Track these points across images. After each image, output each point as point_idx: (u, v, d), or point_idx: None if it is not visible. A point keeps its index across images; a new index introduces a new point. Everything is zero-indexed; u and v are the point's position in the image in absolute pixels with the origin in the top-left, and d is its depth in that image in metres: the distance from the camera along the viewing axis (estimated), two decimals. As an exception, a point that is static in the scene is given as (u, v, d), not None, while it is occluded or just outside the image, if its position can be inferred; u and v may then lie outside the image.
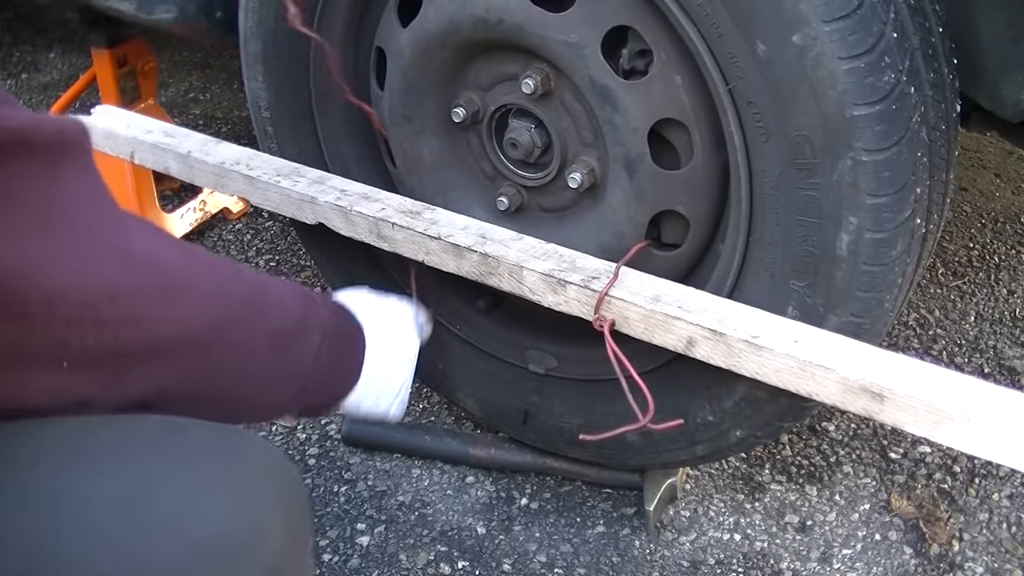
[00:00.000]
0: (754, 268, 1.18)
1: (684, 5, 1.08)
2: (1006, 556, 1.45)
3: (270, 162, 1.41)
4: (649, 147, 1.19)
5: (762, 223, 1.15)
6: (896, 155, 1.05)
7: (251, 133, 1.58)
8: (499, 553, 1.46)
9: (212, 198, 2.16)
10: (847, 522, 1.50)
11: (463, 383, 1.54)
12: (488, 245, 1.23)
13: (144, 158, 1.48)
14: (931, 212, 1.16)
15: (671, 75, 1.15)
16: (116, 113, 1.54)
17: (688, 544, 1.47)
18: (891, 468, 1.59)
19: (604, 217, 1.28)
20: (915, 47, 1.07)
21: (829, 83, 1.02)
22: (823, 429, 1.66)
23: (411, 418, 1.69)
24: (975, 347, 1.84)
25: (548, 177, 1.32)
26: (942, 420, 0.99)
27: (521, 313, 1.43)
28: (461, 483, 1.58)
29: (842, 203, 1.07)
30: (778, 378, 1.08)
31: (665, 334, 1.13)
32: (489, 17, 1.22)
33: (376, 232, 1.30)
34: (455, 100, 1.34)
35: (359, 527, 1.50)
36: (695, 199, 1.22)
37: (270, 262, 2.10)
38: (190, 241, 2.13)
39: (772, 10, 1.02)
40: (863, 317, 1.14)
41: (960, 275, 2.04)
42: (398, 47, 1.33)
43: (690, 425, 1.30)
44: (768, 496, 1.55)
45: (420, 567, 1.43)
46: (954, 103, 1.18)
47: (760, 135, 1.09)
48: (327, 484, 1.57)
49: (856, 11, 1.00)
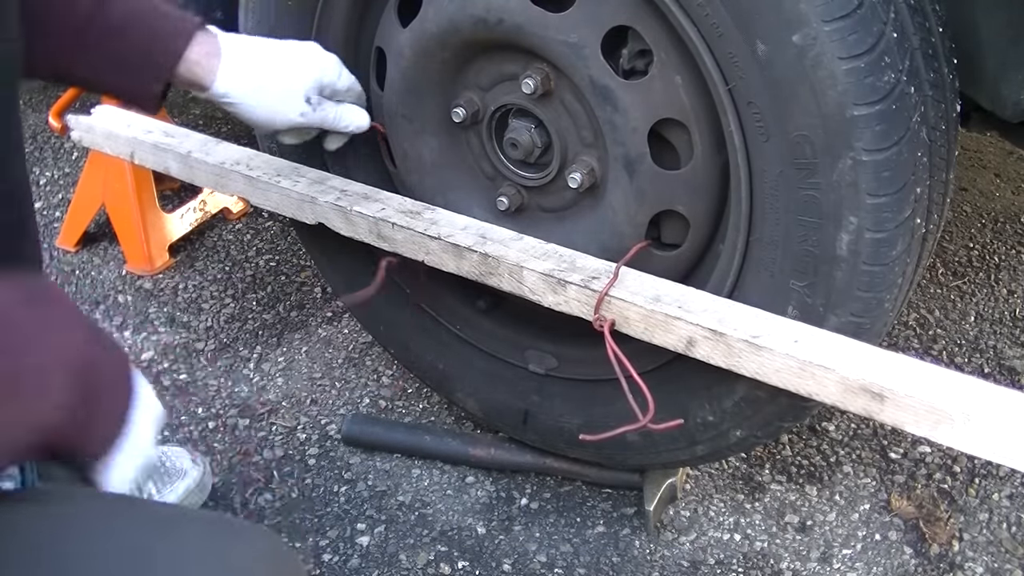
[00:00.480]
0: (754, 268, 1.18)
1: (684, 5, 1.08)
2: (1006, 556, 1.45)
3: (270, 162, 1.41)
4: (649, 147, 1.19)
5: (762, 223, 1.15)
6: (896, 155, 1.05)
7: (251, 133, 1.58)
8: (499, 553, 1.46)
9: (212, 198, 2.16)
10: (847, 522, 1.50)
11: (463, 383, 1.54)
12: (488, 245, 1.24)
13: (144, 158, 1.48)
14: (931, 212, 1.16)
15: (671, 75, 1.15)
16: (116, 113, 1.55)
17: (688, 544, 1.47)
18: (891, 468, 1.59)
19: (604, 217, 1.28)
20: (915, 47, 1.07)
21: (829, 83, 1.02)
22: (823, 429, 1.66)
23: (411, 418, 1.70)
24: (975, 347, 1.84)
25: (548, 177, 1.32)
26: (942, 420, 0.99)
27: (521, 313, 1.43)
28: (461, 483, 1.58)
29: (842, 203, 1.07)
30: (778, 378, 1.08)
31: (665, 334, 1.13)
32: (489, 17, 1.22)
33: (376, 232, 1.30)
34: (455, 100, 1.34)
35: (359, 527, 1.50)
36: (695, 199, 1.22)
37: (270, 262, 2.10)
38: (190, 241, 2.14)
39: (772, 10, 1.02)
40: (863, 317, 1.14)
41: (960, 275, 2.04)
42: (398, 47, 1.33)
43: (690, 425, 1.30)
44: (768, 496, 1.55)
45: (420, 567, 1.43)
46: (954, 103, 1.18)
47: (760, 135, 1.09)
48: (327, 484, 1.57)
49: (856, 11, 1.00)
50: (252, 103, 1.16)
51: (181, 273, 2.06)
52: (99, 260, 2.11)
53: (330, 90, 1.23)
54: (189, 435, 1.66)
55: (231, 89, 1.13)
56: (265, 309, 1.96)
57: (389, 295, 1.53)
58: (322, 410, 1.72)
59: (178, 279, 2.04)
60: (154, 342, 1.87)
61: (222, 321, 1.93)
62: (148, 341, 1.87)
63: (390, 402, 1.73)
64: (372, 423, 1.65)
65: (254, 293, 2.00)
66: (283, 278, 2.05)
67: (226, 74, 1.12)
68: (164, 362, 1.82)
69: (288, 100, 1.18)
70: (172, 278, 2.04)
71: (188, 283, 2.03)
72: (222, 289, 2.02)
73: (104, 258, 2.11)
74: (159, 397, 0.85)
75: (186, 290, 2.01)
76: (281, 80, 1.18)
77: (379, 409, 1.72)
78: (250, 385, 1.77)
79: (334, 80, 1.23)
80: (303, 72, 1.19)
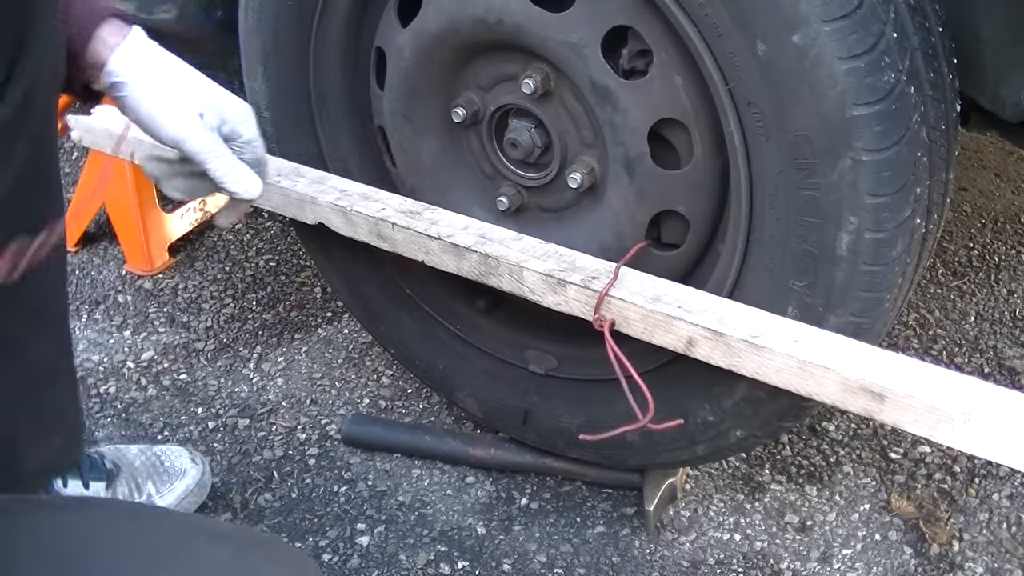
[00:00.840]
0: (754, 268, 1.18)
1: (684, 5, 1.08)
2: (1006, 556, 1.45)
3: (270, 162, 1.41)
4: (649, 147, 1.19)
5: (762, 223, 1.15)
6: (896, 155, 1.05)
7: (251, 133, 1.58)
8: (499, 553, 1.46)
9: (212, 198, 2.16)
10: (847, 522, 1.50)
11: (463, 383, 1.54)
12: (488, 245, 1.24)
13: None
14: (931, 212, 1.16)
15: (671, 75, 1.15)
16: (116, 113, 1.54)
17: (688, 544, 1.47)
18: (891, 468, 1.59)
19: (604, 217, 1.28)
20: (915, 47, 1.07)
21: (829, 83, 1.02)
22: (823, 429, 1.66)
23: (411, 418, 1.70)
24: (975, 347, 1.84)
25: (548, 177, 1.32)
26: (942, 420, 0.99)
27: (521, 313, 1.43)
28: (461, 483, 1.58)
29: (842, 203, 1.07)
30: (778, 378, 1.08)
31: (665, 334, 1.13)
32: (489, 17, 1.22)
33: (376, 232, 1.30)
34: (455, 100, 1.34)
35: (359, 527, 1.50)
36: (695, 199, 1.22)
37: (270, 262, 2.10)
38: (190, 241, 2.14)
39: (772, 10, 1.02)
40: (863, 317, 1.14)
41: (960, 275, 2.04)
42: (398, 47, 1.33)
43: (690, 425, 1.30)
44: (768, 496, 1.55)
45: (420, 567, 1.43)
46: (954, 103, 1.18)
47: (760, 135, 1.09)
48: (327, 484, 1.57)
49: (856, 11, 1.00)
50: (140, 94, 1.01)
51: (181, 273, 2.06)
52: (99, 260, 2.11)
53: (229, 129, 1.05)
54: (189, 435, 1.66)
55: (122, 69, 1.00)
56: (265, 309, 1.96)
57: (389, 295, 1.54)
58: (322, 410, 1.72)
59: (178, 279, 2.04)
60: (154, 342, 1.87)
61: (222, 321, 1.93)
62: (148, 341, 1.87)
63: (390, 402, 1.73)
64: (372, 423, 1.65)
65: (254, 293, 2.00)
66: (283, 278, 2.05)
67: (123, 54, 1.00)
68: (164, 362, 1.82)
69: (179, 105, 1.02)
70: (172, 278, 2.04)
71: (188, 283, 2.03)
72: (222, 289, 2.02)
73: (104, 258, 2.11)
74: (159, 397, 0.85)
75: (186, 290, 2.01)
76: (178, 82, 1.03)
77: (379, 409, 1.72)
78: (250, 385, 1.77)
79: (236, 120, 1.05)
80: (204, 89, 1.04)
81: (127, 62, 1.00)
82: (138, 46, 1.02)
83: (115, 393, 1.74)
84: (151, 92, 1.01)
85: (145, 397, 1.74)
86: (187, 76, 1.04)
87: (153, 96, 1.01)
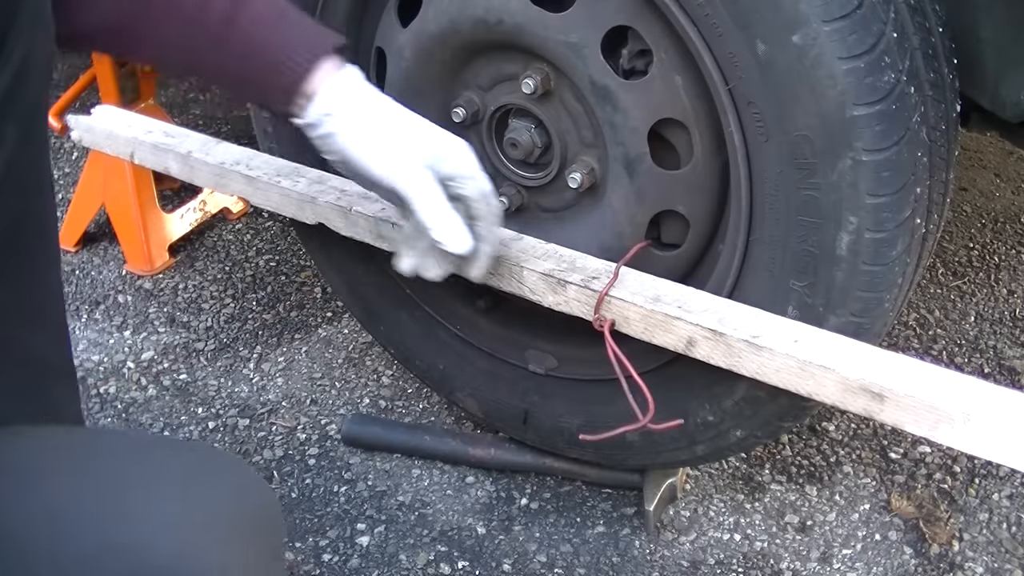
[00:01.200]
0: (754, 268, 1.18)
1: (684, 5, 1.08)
2: (1006, 556, 1.45)
3: (270, 162, 1.41)
4: (649, 147, 1.19)
5: (762, 223, 1.15)
6: (896, 155, 1.05)
7: (251, 133, 1.58)
8: (499, 553, 1.46)
9: (212, 198, 2.16)
10: (847, 522, 1.50)
11: (463, 383, 1.54)
12: (488, 245, 1.23)
13: (144, 158, 1.48)
14: (931, 212, 1.16)
15: (671, 75, 1.15)
16: (116, 113, 1.55)
17: (688, 544, 1.47)
18: (891, 468, 1.59)
19: (604, 217, 1.28)
20: (915, 47, 1.07)
21: (829, 83, 1.02)
22: (823, 429, 1.66)
23: (411, 418, 1.70)
24: (975, 347, 1.84)
25: (548, 177, 1.32)
26: (942, 420, 0.99)
27: (521, 313, 1.43)
28: (461, 483, 1.58)
29: (842, 203, 1.07)
30: (778, 378, 1.08)
31: (665, 334, 1.13)
32: (489, 17, 1.22)
33: (376, 232, 1.30)
34: (455, 100, 1.34)
35: (359, 527, 1.50)
36: (695, 199, 1.22)
37: (270, 262, 2.10)
38: (190, 241, 2.14)
39: (772, 10, 1.02)
40: (863, 317, 1.14)
41: (960, 275, 2.04)
42: (398, 47, 1.33)
43: (690, 425, 1.30)
44: (768, 496, 1.55)
45: (420, 567, 1.43)
46: (954, 103, 1.18)
47: (760, 135, 1.09)
48: (327, 484, 1.57)
49: (856, 11, 1.00)
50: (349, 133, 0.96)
51: (181, 273, 2.06)
52: (99, 260, 2.11)
53: (449, 169, 0.99)
54: (189, 435, 1.66)
55: (333, 107, 0.96)
56: (265, 309, 1.96)
57: (389, 295, 1.53)
58: (322, 410, 1.72)
59: (178, 279, 2.04)
60: (154, 342, 1.87)
61: (222, 321, 1.93)
62: (148, 341, 1.87)
63: (390, 402, 1.73)
64: (372, 423, 1.65)
65: (254, 293, 2.00)
66: (283, 278, 2.05)
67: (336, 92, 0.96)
68: (164, 362, 1.82)
69: (390, 144, 0.97)
70: (172, 278, 2.04)
71: (188, 283, 2.03)
72: (222, 289, 2.02)
73: (104, 258, 2.11)
74: (159, 397, 0.86)
75: (186, 290, 2.01)
76: (390, 122, 0.98)
77: (379, 409, 1.72)
78: (250, 385, 1.77)
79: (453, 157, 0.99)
80: (418, 128, 0.99)
81: (339, 100, 0.96)
82: (352, 85, 0.98)
83: (115, 393, 1.75)
84: (361, 131, 0.97)
85: (145, 397, 1.74)
86: (400, 116, 1.00)
87: (363, 135, 0.96)
